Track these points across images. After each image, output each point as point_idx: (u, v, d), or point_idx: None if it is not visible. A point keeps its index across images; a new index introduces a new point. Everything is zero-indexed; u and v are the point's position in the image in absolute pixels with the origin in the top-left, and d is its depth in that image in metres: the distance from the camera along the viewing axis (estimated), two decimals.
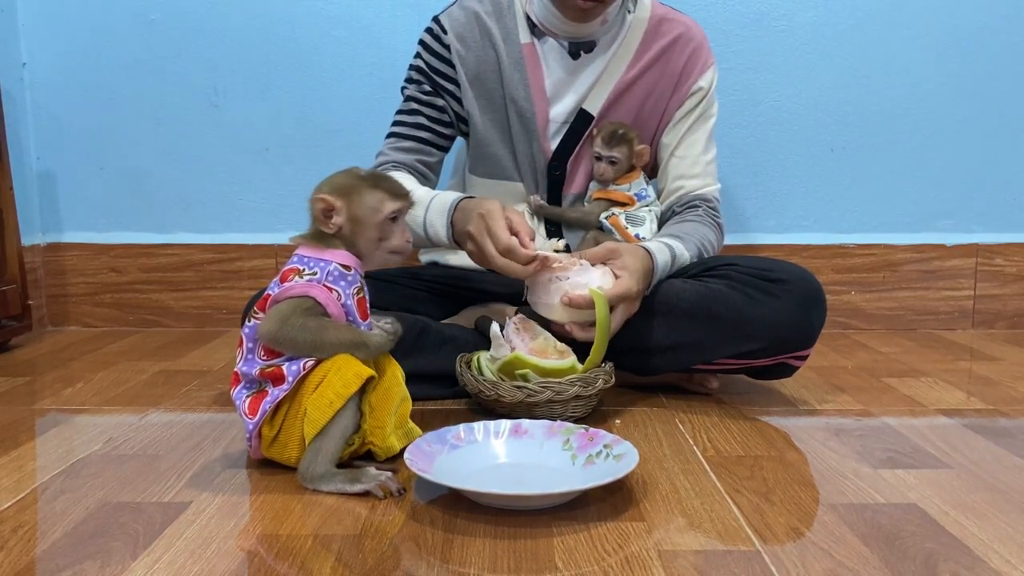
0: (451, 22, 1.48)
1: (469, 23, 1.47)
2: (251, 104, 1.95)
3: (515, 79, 1.46)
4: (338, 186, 1.00)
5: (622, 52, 1.46)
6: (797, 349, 1.29)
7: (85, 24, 1.93)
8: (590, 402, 1.23)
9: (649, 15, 1.47)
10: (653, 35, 1.47)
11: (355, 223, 1.00)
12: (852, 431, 1.20)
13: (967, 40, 1.93)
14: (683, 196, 1.48)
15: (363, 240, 1.01)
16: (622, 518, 0.89)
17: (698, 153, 1.49)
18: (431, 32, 1.49)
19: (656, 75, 1.47)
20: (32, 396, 1.39)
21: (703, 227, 1.42)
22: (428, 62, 1.49)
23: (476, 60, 1.47)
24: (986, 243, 1.99)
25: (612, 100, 1.47)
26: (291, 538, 0.84)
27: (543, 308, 1.22)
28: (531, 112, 1.47)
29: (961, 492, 0.96)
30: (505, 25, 1.47)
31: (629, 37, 1.47)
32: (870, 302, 2.00)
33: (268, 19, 1.93)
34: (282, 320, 0.96)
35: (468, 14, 1.48)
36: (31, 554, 0.80)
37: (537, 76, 1.46)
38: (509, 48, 1.46)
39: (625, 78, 1.46)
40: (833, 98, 1.95)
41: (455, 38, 1.47)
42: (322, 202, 0.99)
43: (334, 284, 0.98)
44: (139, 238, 1.99)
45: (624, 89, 1.46)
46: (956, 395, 1.40)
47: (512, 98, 1.47)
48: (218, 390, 1.41)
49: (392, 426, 1.03)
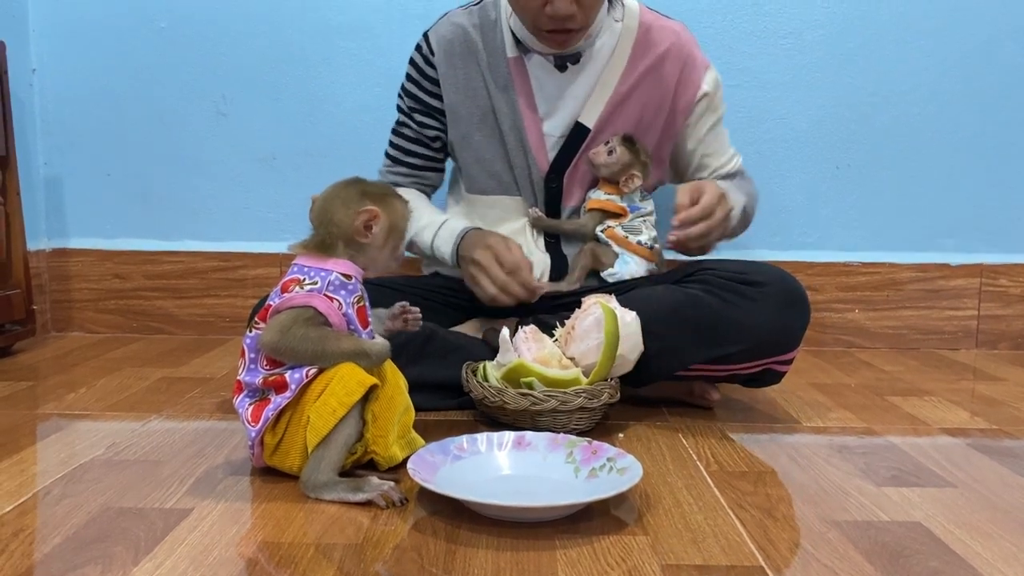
0: (438, 39, 1.49)
1: (455, 39, 1.48)
2: (258, 112, 1.96)
3: (503, 95, 1.47)
4: (372, 194, 1.01)
5: (614, 62, 1.46)
6: (779, 353, 1.29)
7: (95, 32, 1.94)
8: (594, 415, 1.23)
9: (638, 23, 1.47)
10: (644, 44, 1.46)
11: (391, 233, 1.02)
12: (855, 449, 1.19)
13: (973, 60, 1.94)
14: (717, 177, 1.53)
15: (390, 247, 1.03)
16: (625, 532, 0.88)
17: (722, 143, 1.55)
18: (420, 51, 1.51)
19: (651, 86, 1.47)
20: (35, 401, 1.39)
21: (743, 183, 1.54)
22: (418, 83, 1.52)
23: (464, 78, 1.48)
24: (991, 263, 1.99)
25: (608, 112, 1.47)
26: (293, 546, 0.84)
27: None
28: (522, 126, 1.47)
29: (965, 511, 0.96)
30: (492, 40, 1.47)
31: (620, 47, 1.46)
32: (874, 320, 2.00)
33: (276, 28, 1.94)
34: (283, 330, 0.96)
35: (456, 29, 1.49)
36: (32, 558, 0.80)
37: (526, 91, 1.47)
38: (495, 63, 1.47)
39: (620, 90, 1.46)
40: (839, 116, 1.95)
41: (443, 58, 1.48)
42: (368, 213, 0.99)
43: (335, 294, 0.98)
44: (144, 245, 1.99)
45: (620, 101, 1.46)
46: (960, 414, 1.40)
47: (503, 113, 1.47)
48: (221, 397, 1.40)
49: (395, 436, 1.03)
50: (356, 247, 1.01)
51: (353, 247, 1.01)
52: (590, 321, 1.21)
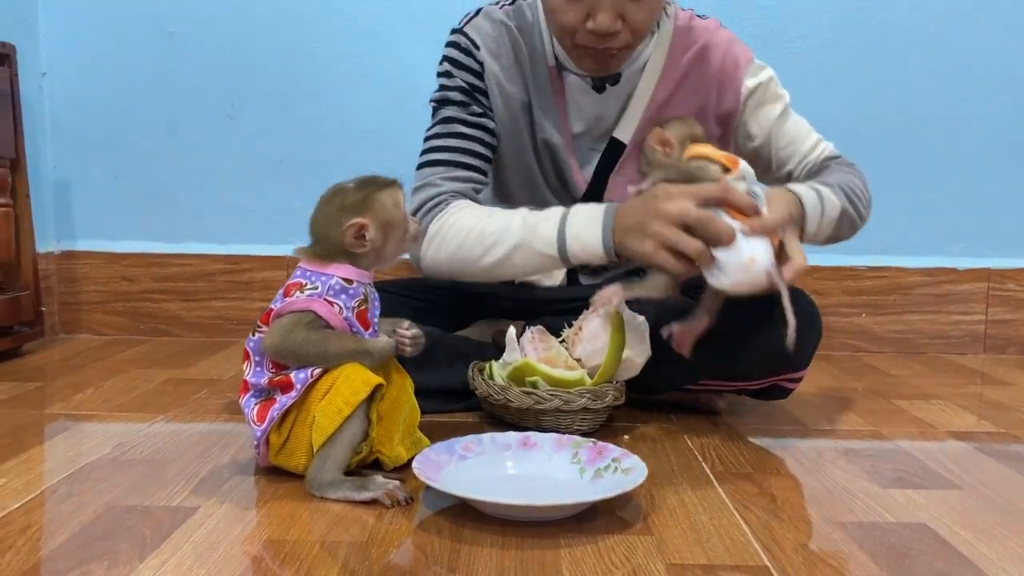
0: (481, 36, 1.33)
1: (500, 37, 1.33)
2: (266, 116, 1.97)
3: (542, 103, 1.35)
4: (351, 205, 0.99)
5: (649, 71, 1.34)
6: (790, 371, 1.29)
7: (104, 36, 1.95)
8: (598, 417, 1.23)
9: (673, 27, 1.35)
10: (680, 49, 1.34)
11: (387, 229, 1.00)
12: (861, 451, 1.19)
13: (980, 63, 1.94)
14: (808, 168, 1.38)
15: (394, 241, 1.02)
16: (630, 531, 0.88)
17: (797, 132, 1.39)
18: (458, 47, 1.34)
19: (690, 91, 1.34)
20: (42, 401, 1.40)
21: (841, 175, 1.30)
22: (466, 80, 1.34)
23: (508, 80, 1.34)
24: (998, 268, 1.99)
25: (644, 125, 1.33)
26: (298, 544, 0.84)
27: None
28: (558, 141, 1.36)
29: (971, 513, 0.96)
30: (532, 42, 1.34)
31: (656, 54, 1.34)
32: (880, 325, 1.99)
33: (284, 33, 1.94)
34: (285, 334, 0.97)
35: (497, 26, 1.34)
36: (38, 555, 0.81)
37: (561, 103, 1.35)
38: (536, 69, 1.34)
39: (656, 99, 1.34)
40: (845, 120, 1.94)
41: (488, 54, 1.33)
42: (355, 227, 0.98)
43: (335, 298, 0.98)
44: (152, 247, 2.00)
45: (657, 111, 1.34)
46: (967, 418, 1.39)
47: (540, 123, 1.35)
48: (227, 399, 1.41)
49: (400, 435, 1.04)
50: (375, 251, 1.01)
51: (362, 254, 1.00)
52: (597, 323, 1.21)
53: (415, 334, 1.03)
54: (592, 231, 1.14)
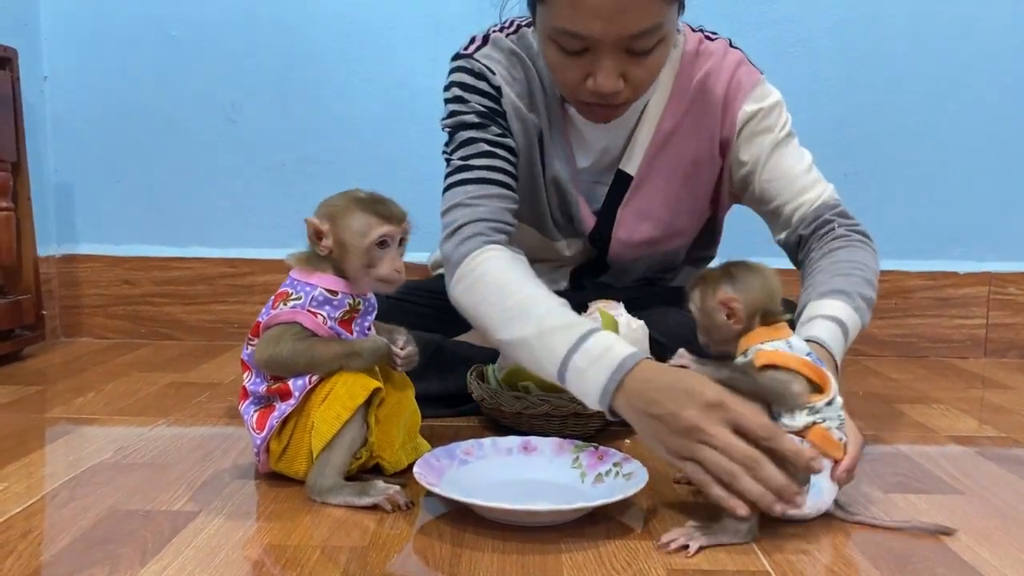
0: (493, 63, 1.26)
1: (513, 67, 1.27)
2: (267, 120, 1.97)
3: (554, 136, 1.30)
4: (328, 208, 0.99)
5: (656, 100, 1.30)
6: None
7: (106, 39, 1.95)
8: (590, 423, 1.22)
9: (682, 53, 1.30)
10: (686, 77, 1.30)
11: (341, 247, 0.98)
12: (863, 456, 1.19)
13: (982, 68, 1.94)
14: (805, 216, 1.28)
15: (349, 265, 0.98)
16: (631, 536, 0.88)
17: (789, 168, 1.28)
18: (470, 72, 1.26)
19: (696, 117, 1.30)
20: (43, 405, 1.40)
21: (853, 266, 1.17)
22: (483, 103, 1.26)
23: (527, 107, 1.28)
24: (999, 272, 1.99)
25: (652, 155, 1.31)
26: (299, 549, 0.84)
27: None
28: (565, 177, 1.32)
29: (973, 517, 0.96)
30: (540, 70, 1.28)
31: (662, 82, 1.29)
32: (882, 329, 1.99)
33: (286, 36, 1.95)
34: (273, 346, 0.97)
35: (509, 56, 1.28)
36: (40, 559, 0.81)
37: (567, 136, 1.32)
38: (547, 100, 1.29)
39: (662, 129, 1.30)
40: (847, 124, 1.95)
41: (504, 81, 1.26)
42: (310, 225, 0.98)
43: (318, 309, 0.98)
44: (153, 251, 2.00)
45: (663, 141, 1.30)
46: (968, 423, 1.39)
47: (549, 159, 1.31)
48: (228, 403, 1.41)
49: (401, 440, 1.04)
50: (336, 261, 0.99)
51: (333, 261, 0.99)
52: None
53: (408, 352, 1.02)
54: (595, 378, 0.94)
